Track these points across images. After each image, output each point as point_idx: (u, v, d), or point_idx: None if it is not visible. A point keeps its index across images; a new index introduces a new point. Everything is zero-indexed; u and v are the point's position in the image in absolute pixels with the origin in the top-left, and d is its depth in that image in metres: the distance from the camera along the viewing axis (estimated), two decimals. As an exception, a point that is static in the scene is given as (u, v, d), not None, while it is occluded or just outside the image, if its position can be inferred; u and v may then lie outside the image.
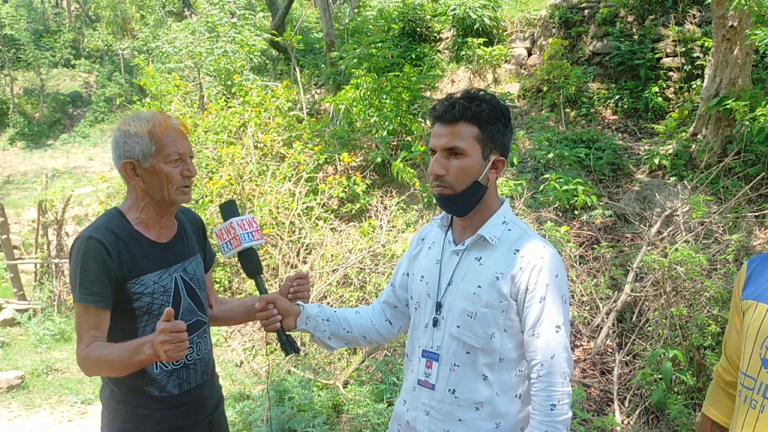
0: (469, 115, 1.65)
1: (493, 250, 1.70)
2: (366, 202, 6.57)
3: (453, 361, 1.71)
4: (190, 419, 1.98)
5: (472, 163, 1.66)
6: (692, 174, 5.78)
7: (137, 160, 1.85)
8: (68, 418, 5.03)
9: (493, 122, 1.67)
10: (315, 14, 16.80)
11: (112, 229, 1.84)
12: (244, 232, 1.81)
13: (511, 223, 1.74)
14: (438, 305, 1.75)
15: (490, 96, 1.70)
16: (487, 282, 1.67)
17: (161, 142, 1.84)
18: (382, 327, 1.98)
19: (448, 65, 9.51)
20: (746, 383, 1.53)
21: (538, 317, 1.63)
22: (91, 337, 1.77)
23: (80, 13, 28.06)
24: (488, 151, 1.68)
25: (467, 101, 1.66)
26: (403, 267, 1.96)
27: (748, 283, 1.60)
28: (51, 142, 20.06)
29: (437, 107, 1.69)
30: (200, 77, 9.25)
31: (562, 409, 1.62)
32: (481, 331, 1.67)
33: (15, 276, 7.89)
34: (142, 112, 1.92)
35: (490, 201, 1.74)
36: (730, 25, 5.72)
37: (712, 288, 4.16)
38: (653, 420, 3.90)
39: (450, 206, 1.74)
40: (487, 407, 1.69)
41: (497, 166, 1.71)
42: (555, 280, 1.64)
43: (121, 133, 1.87)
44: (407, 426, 1.81)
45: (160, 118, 1.88)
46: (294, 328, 1.85)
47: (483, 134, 1.66)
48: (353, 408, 4.12)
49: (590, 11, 8.57)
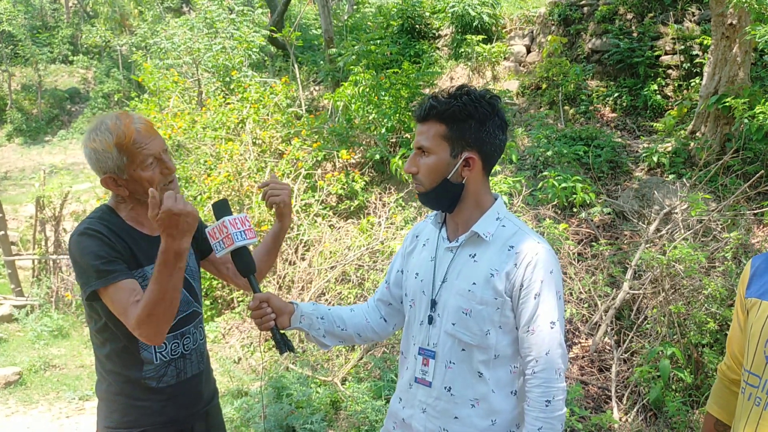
0: (434, 114, 1.65)
1: (487, 246, 1.70)
2: (364, 199, 6.57)
3: (449, 358, 1.71)
4: (187, 410, 1.99)
5: (438, 161, 1.67)
6: (691, 172, 5.78)
7: (114, 173, 1.82)
8: (66, 414, 5.02)
9: (463, 119, 1.65)
10: (314, 11, 16.77)
11: (105, 223, 1.84)
12: (236, 230, 1.79)
13: (505, 219, 1.73)
14: (433, 302, 1.75)
15: (469, 92, 1.67)
16: (481, 279, 1.67)
17: (131, 152, 1.80)
18: (377, 325, 1.98)
19: (447, 62, 9.50)
20: (750, 381, 1.54)
21: (533, 313, 1.63)
22: (134, 303, 1.72)
23: (78, 9, 27.97)
24: (459, 149, 1.67)
25: (436, 100, 1.66)
26: (397, 264, 1.96)
27: (752, 281, 1.61)
28: (49, 139, 20.00)
29: (416, 106, 1.72)
30: (198, 73, 9.22)
31: (557, 404, 1.62)
32: (476, 328, 1.67)
33: (13, 272, 7.88)
34: (104, 121, 1.84)
35: (481, 198, 1.73)
36: (729, 23, 5.71)
37: (710, 286, 4.16)
38: (651, 417, 3.90)
39: (425, 202, 1.77)
40: (483, 404, 1.69)
41: (469, 164, 1.68)
42: (550, 276, 1.64)
43: (90, 151, 1.83)
44: (403, 423, 1.82)
45: (121, 126, 1.81)
46: (288, 327, 1.84)
47: (451, 132, 1.66)
48: (351, 405, 4.12)
49: (589, 9, 8.56)
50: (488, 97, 1.68)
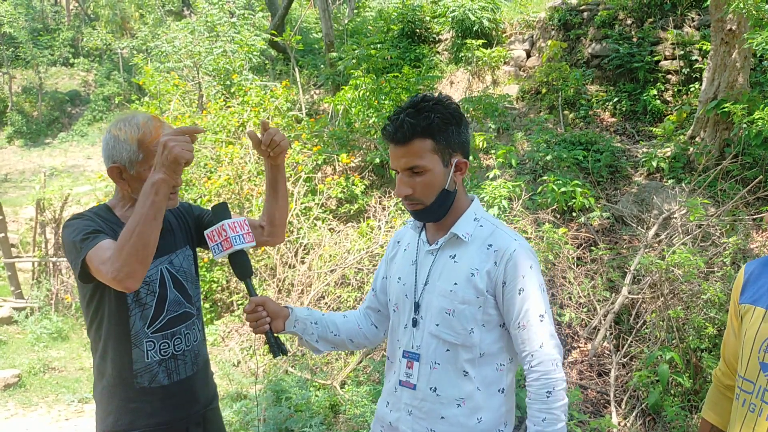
0: (419, 131, 1.65)
1: (466, 247, 1.73)
2: (364, 202, 6.58)
3: (433, 359, 1.74)
4: (182, 412, 2.00)
5: (435, 175, 1.69)
6: (690, 177, 5.79)
7: (124, 165, 1.85)
8: (65, 416, 5.02)
9: (444, 128, 1.67)
10: (314, 14, 16.80)
11: (99, 219, 1.88)
12: (235, 234, 1.81)
13: (482, 219, 1.77)
14: (416, 305, 1.78)
15: (436, 101, 1.69)
16: (463, 278, 1.70)
17: (149, 152, 1.83)
18: (369, 331, 2.02)
19: (447, 66, 9.52)
20: (744, 387, 1.55)
21: (521, 309, 1.66)
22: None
23: (79, 11, 28.03)
24: (448, 157, 1.70)
25: (414, 117, 1.65)
26: (381, 271, 2.00)
27: (746, 287, 1.62)
28: (49, 141, 20.02)
29: (388, 128, 1.69)
30: (199, 77, 9.25)
31: (558, 395, 1.64)
32: (459, 327, 1.70)
33: (12, 274, 7.88)
34: (137, 115, 1.90)
35: (460, 200, 1.77)
36: (728, 28, 5.73)
37: (709, 291, 4.17)
38: (650, 422, 3.91)
39: (426, 217, 1.78)
40: (469, 403, 1.71)
41: (461, 168, 1.73)
42: (530, 270, 1.68)
43: (111, 137, 1.86)
44: (390, 427, 1.84)
45: (152, 126, 1.86)
46: (282, 331, 1.87)
47: (438, 144, 1.67)
48: (350, 408, 4.12)
49: (589, 14, 8.58)
50: (450, 101, 1.73)
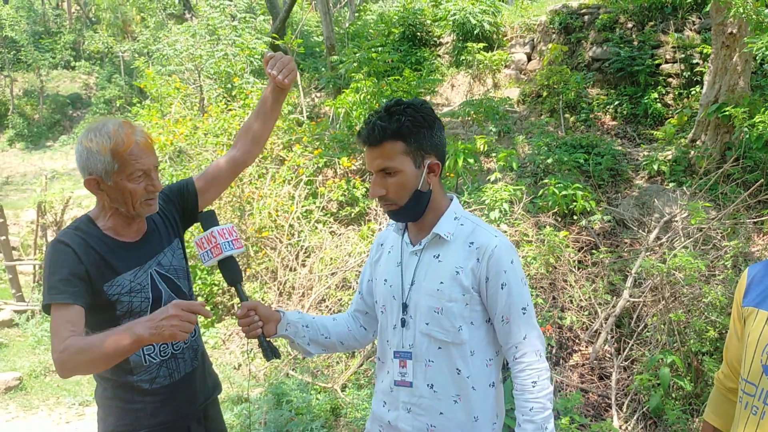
0: (390, 134, 1.70)
1: (449, 246, 1.78)
2: (365, 205, 6.58)
3: (427, 357, 1.77)
4: (184, 410, 2.00)
5: (407, 176, 1.73)
6: (691, 180, 5.79)
7: (101, 177, 1.82)
8: (66, 419, 5.02)
9: (415, 131, 1.71)
10: (315, 18, 16.84)
11: (81, 234, 1.85)
12: (224, 240, 1.83)
13: (463, 218, 1.82)
14: (404, 306, 1.82)
15: (408, 104, 1.74)
16: (448, 277, 1.74)
17: (124, 161, 1.80)
18: (358, 333, 2.06)
19: (447, 70, 9.54)
20: (747, 389, 1.55)
21: (504, 303, 1.72)
22: (69, 331, 1.68)
23: (80, 14, 28.10)
24: (420, 159, 1.74)
25: (385, 120, 1.71)
26: (367, 274, 2.03)
27: (749, 290, 1.62)
28: (50, 144, 20.07)
29: (361, 131, 1.75)
30: (201, 80, 9.26)
31: (543, 384, 1.70)
32: (449, 325, 1.74)
33: (13, 277, 7.89)
34: (108, 123, 1.85)
35: (439, 200, 1.82)
36: (729, 32, 5.74)
37: (710, 294, 4.17)
38: (651, 425, 3.90)
39: (401, 218, 1.83)
40: (464, 399, 1.76)
41: (433, 170, 1.76)
42: (511, 265, 1.73)
43: (84, 149, 1.82)
44: (389, 426, 1.86)
45: (122, 134, 1.81)
46: (274, 334, 1.90)
47: (409, 146, 1.72)
48: (351, 411, 4.12)
49: (590, 17, 8.60)
50: (423, 104, 1.77)
